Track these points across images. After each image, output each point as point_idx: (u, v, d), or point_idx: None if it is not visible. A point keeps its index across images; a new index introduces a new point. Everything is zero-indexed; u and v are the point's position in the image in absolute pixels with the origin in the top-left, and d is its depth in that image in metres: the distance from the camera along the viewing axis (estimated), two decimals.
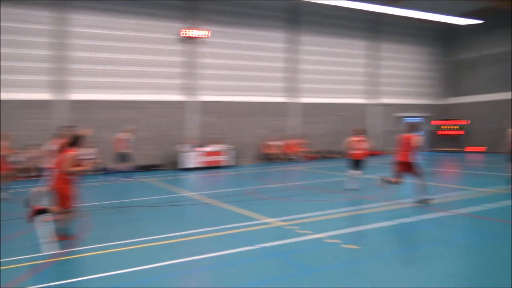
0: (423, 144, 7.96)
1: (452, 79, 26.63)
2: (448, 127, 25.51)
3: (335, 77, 23.23)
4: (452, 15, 22.45)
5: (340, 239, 6.38)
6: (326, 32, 22.82)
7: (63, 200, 6.41)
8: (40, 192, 7.32)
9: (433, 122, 26.53)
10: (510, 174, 10.57)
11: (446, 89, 27.01)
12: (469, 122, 24.84)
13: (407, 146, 9.03)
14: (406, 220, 7.63)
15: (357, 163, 11.12)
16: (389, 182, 9.35)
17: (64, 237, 6.49)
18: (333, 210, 8.53)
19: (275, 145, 20.89)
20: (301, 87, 22.10)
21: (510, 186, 10.45)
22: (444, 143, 26.19)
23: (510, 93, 22.98)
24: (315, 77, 22.56)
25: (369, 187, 11.30)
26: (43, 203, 6.95)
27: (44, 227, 6.73)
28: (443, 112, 26.86)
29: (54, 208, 6.43)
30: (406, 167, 9.02)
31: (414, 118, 26.26)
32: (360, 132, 11.65)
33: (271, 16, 21.04)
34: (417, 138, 9.02)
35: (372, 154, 23.51)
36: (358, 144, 11.21)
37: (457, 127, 25.13)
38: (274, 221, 7.62)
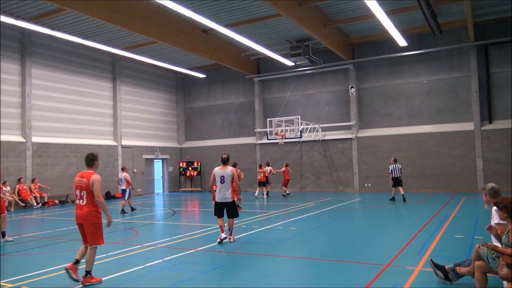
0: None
1: (188, 124, 29.16)
2: (190, 169, 27.42)
3: (77, 116, 21.86)
4: (184, 68, 25.04)
5: None
6: (64, 69, 21.43)
7: None
8: None
9: (181, 164, 28.12)
10: None
11: (183, 133, 29.28)
12: (200, 163, 27.46)
13: None
14: (152, 263, 7.50)
15: None
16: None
17: None
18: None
19: (4, 191, 17.73)
20: (35, 125, 19.73)
21: None
22: (186, 184, 28.13)
23: (229, 139, 26.89)
24: (51, 115, 20.64)
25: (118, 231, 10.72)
26: None
27: None
28: (180, 154, 28.93)
29: None
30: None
31: (156, 159, 27.28)
32: None
33: None
34: None
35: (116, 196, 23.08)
36: None
37: (196, 169, 27.33)
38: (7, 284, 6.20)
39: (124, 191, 15.46)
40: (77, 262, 6.19)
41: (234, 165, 16.30)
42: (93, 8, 15.04)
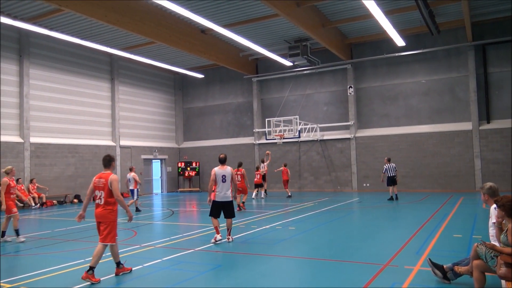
0: None
1: (186, 125, 29.15)
2: (188, 169, 27.40)
3: (75, 117, 21.82)
4: (183, 68, 24.99)
5: None
6: (62, 69, 21.40)
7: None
8: None
9: (179, 164, 28.10)
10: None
11: (181, 133, 29.26)
12: (198, 163, 27.44)
13: None
14: (150, 263, 7.50)
15: None
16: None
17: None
18: (77, 261, 7.60)
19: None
20: (33, 126, 19.69)
21: None
22: (185, 184, 28.11)
23: (229, 139, 26.88)
24: (49, 115, 20.61)
25: None
26: None
27: None
28: (179, 155, 28.90)
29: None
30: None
31: (155, 160, 27.26)
32: None
33: None
34: None
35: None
36: None
37: (195, 169, 27.31)
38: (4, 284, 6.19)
39: (132, 191, 15.67)
40: (118, 264, 6.61)
41: (240, 165, 16.42)
42: (91, 8, 15.02)
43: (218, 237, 8.91)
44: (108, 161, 6.73)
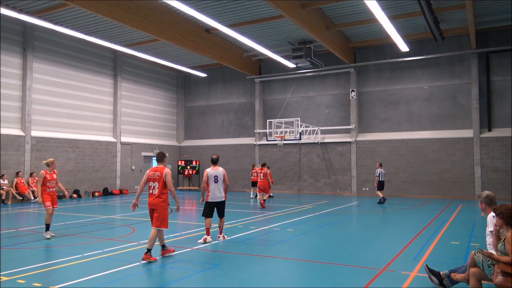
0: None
1: (187, 123, 29.18)
2: (188, 167, 27.42)
3: (77, 111, 21.84)
4: (186, 66, 25.04)
5: None
6: (65, 64, 21.42)
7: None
8: None
9: (179, 163, 28.12)
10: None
11: (182, 132, 29.29)
12: (198, 162, 27.44)
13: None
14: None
15: None
16: None
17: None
18: (74, 256, 7.62)
19: (2, 184, 17.78)
20: (34, 120, 19.71)
21: None
22: (184, 182, 28.13)
23: (224, 139, 26.93)
24: (51, 109, 20.63)
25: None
26: None
27: None
28: (179, 153, 28.93)
29: None
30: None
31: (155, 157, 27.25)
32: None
33: None
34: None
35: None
36: None
37: (195, 168, 27.33)
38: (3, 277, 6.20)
39: None
40: (163, 246, 7.55)
41: (263, 165, 16.51)
42: (96, 4, 15.04)
43: (209, 238, 9.02)
44: (161, 157, 7.76)
